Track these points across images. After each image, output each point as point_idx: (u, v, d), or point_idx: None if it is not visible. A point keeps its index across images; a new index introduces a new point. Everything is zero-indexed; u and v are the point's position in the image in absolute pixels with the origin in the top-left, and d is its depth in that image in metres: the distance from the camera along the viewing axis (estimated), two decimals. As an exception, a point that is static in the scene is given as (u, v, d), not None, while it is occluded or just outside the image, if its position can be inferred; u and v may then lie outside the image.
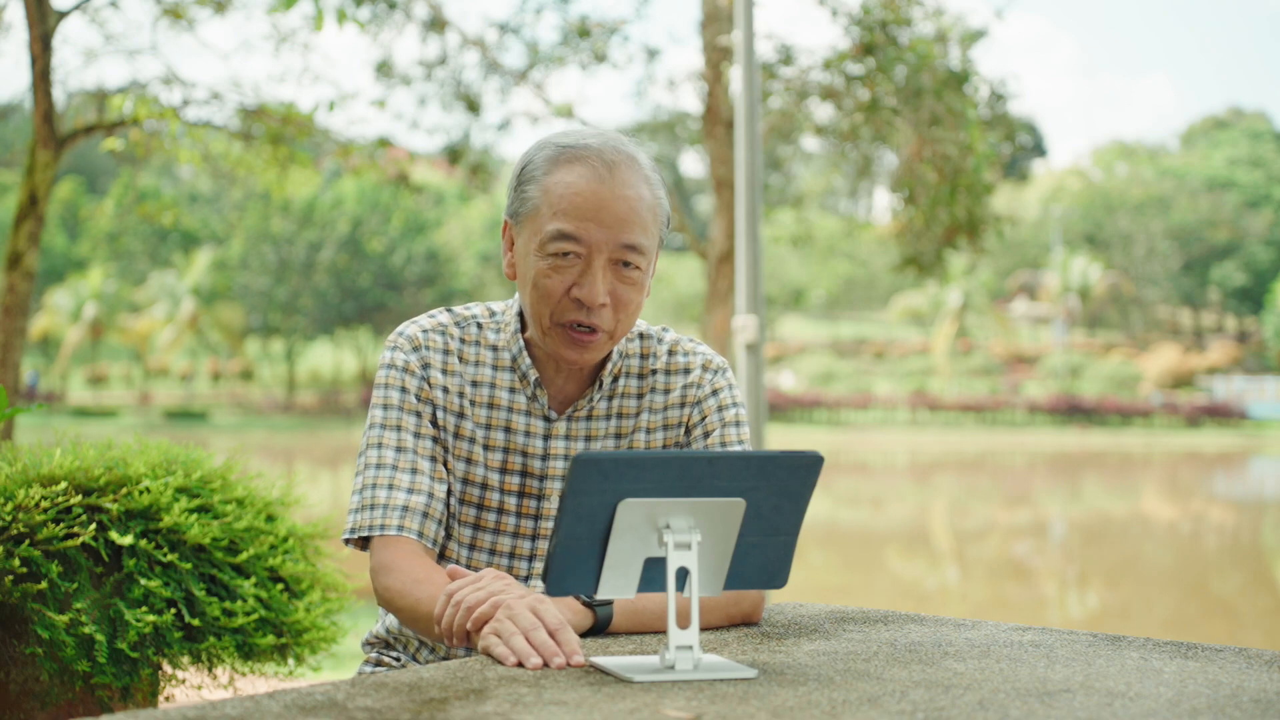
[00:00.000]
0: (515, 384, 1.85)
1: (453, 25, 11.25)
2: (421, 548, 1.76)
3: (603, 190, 1.72)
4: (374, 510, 1.77)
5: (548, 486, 1.85)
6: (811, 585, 11.41)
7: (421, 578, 1.69)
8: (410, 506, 1.77)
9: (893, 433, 44.42)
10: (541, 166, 1.76)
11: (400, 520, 1.76)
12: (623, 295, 1.75)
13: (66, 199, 49.91)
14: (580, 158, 1.74)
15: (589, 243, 1.72)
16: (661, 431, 1.89)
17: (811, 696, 1.28)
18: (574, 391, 1.87)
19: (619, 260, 1.74)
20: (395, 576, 1.71)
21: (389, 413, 1.81)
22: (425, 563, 1.73)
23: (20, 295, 7.38)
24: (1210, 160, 64.17)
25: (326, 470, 25.85)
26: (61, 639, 2.43)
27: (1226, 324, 63.23)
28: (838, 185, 46.52)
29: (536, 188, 1.76)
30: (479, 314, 1.90)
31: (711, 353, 1.94)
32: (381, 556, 1.75)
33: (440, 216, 52.83)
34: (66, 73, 10.15)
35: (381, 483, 1.78)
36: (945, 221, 10.53)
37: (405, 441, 1.80)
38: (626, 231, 1.73)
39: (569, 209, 1.72)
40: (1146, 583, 12.80)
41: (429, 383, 1.82)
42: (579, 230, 1.72)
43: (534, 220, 1.76)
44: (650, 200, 1.76)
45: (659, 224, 1.79)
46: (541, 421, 1.85)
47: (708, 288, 10.88)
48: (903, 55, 9.67)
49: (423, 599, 1.65)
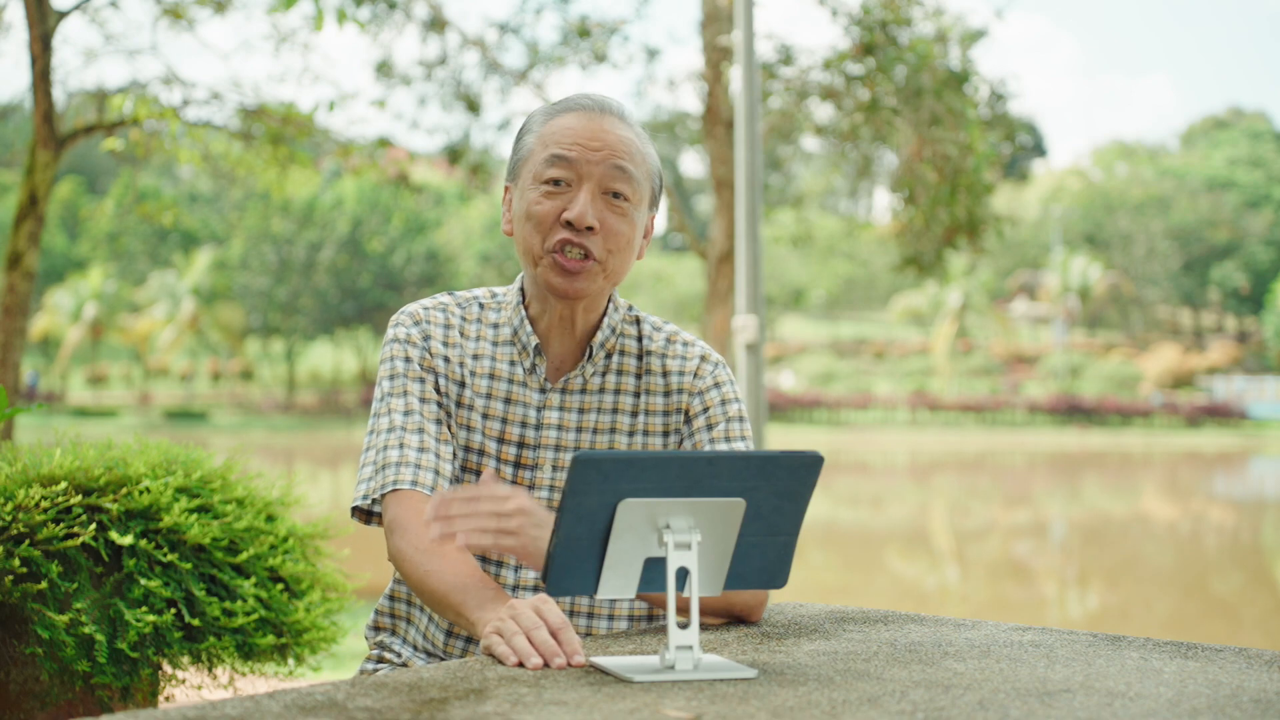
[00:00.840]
0: (515, 357, 1.89)
1: (453, 25, 11.24)
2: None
3: (593, 124, 1.80)
4: (385, 470, 1.79)
5: (540, 456, 1.86)
6: (811, 585, 11.40)
7: (433, 546, 1.69)
8: (422, 464, 1.79)
9: (893, 433, 44.41)
10: (539, 120, 1.86)
11: (413, 476, 1.77)
12: (612, 224, 1.80)
13: (66, 199, 49.90)
14: (573, 106, 1.84)
15: (579, 168, 1.79)
16: (661, 416, 1.90)
17: (811, 696, 1.28)
18: (569, 362, 1.90)
19: (608, 190, 1.79)
20: (407, 539, 1.72)
21: (394, 381, 1.85)
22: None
23: (20, 295, 7.38)
24: (1210, 160, 64.15)
25: (326, 470, 25.85)
26: (61, 639, 2.43)
27: (1226, 324, 63.23)
28: (838, 185, 46.54)
29: (532, 136, 1.85)
30: (480, 295, 1.95)
31: (709, 348, 1.97)
32: (394, 512, 1.76)
33: (440, 216, 52.82)
34: (66, 73, 10.16)
35: (392, 444, 1.80)
36: (945, 221, 10.53)
37: (412, 405, 1.83)
38: (614, 157, 1.79)
39: (561, 139, 1.80)
40: (1146, 583, 12.80)
41: (430, 352, 1.86)
42: (569, 153, 1.79)
43: (529, 162, 1.83)
44: (640, 147, 1.84)
45: (649, 172, 1.85)
46: (537, 393, 1.87)
47: (708, 288, 10.87)
48: (903, 55, 9.67)
49: (431, 571, 1.67)
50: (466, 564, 1.67)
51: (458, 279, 49.84)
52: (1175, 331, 62.28)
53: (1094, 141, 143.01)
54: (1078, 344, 56.13)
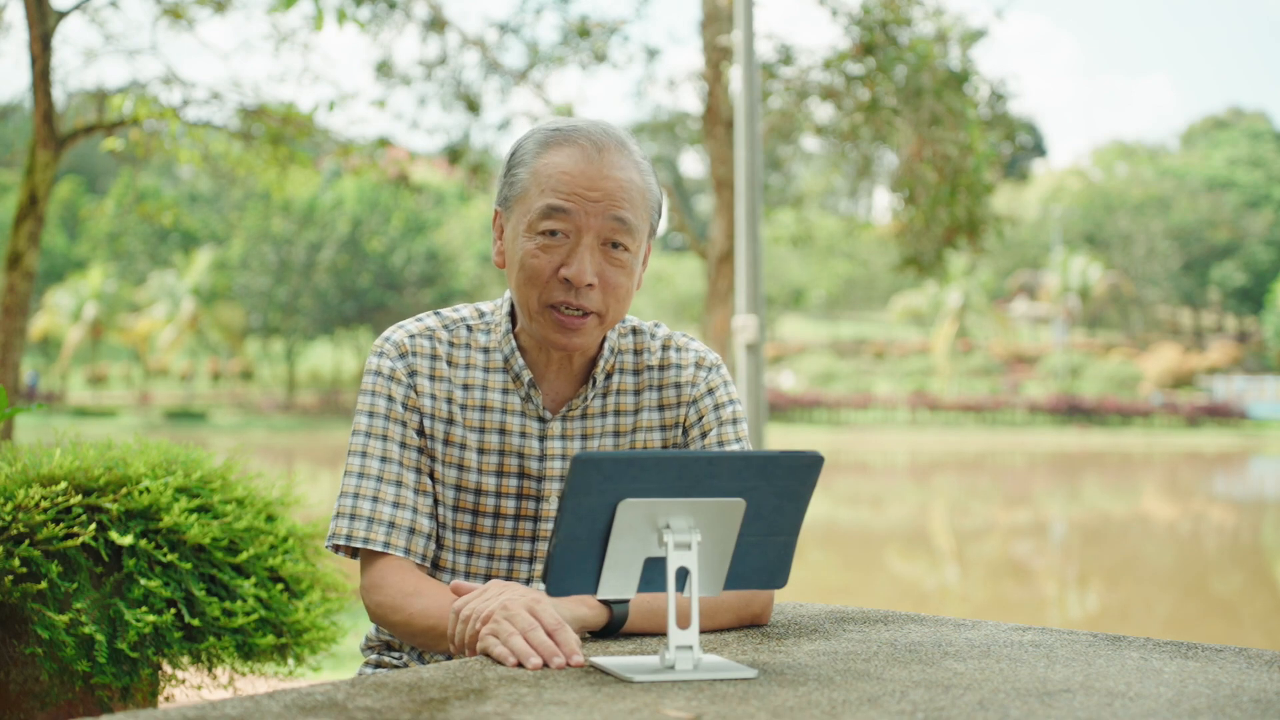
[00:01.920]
0: (508, 385, 1.83)
1: (453, 25, 11.25)
2: (410, 564, 1.75)
3: (590, 169, 1.71)
4: (355, 520, 1.75)
5: (546, 487, 1.82)
6: (811, 585, 11.40)
7: (411, 590, 1.68)
8: (396, 523, 1.75)
9: (893, 433, 44.41)
10: (531, 150, 1.76)
11: (386, 537, 1.74)
12: (611, 278, 1.73)
13: (66, 199, 49.88)
14: (569, 140, 1.73)
15: (577, 219, 1.70)
16: (660, 431, 1.88)
17: (811, 696, 1.28)
18: (568, 390, 1.85)
19: (608, 241, 1.72)
20: (385, 592, 1.70)
21: (374, 420, 1.79)
22: (415, 575, 1.72)
23: (20, 295, 7.38)
24: (1210, 160, 64.16)
25: (326, 470, 25.85)
26: (61, 639, 2.43)
27: (1226, 324, 63.23)
28: (838, 185, 46.52)
29: (525, 170, 1.75)
30: (468, 316, 1.87)
31: (704, 349, 1.93)
32: (370, 575, 1.74)
33: (440, 216, 52.82)
34: (66, 73, 10.14)
35: (365, 493, 1.75)
36: (945, 221, 10.53)
37: (390, 452, 1.77)
38: (614, 207, 1.71)
39: (557, 186, 1.71)
40: (1146, 583, 12.80)
41: (415, 390, 1.80)
42: (567, 204, 1.70)
43: (523, 202, 1.75)
44: (640, 184, 1.75)
45: (649, 210, 1.78)
46: (536, 422, 1.83)
47: (708, 288, 10.88)
48: (903, 55, 9.67)
49: (415, 613, 1.65)
50: (447, 595, 1.65)
51: (458, 279, 49.85)
52: (1175, 331, 62.29)
53: (1094, 141, 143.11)
54: (1078, 344, 56.13)
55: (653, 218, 1.80)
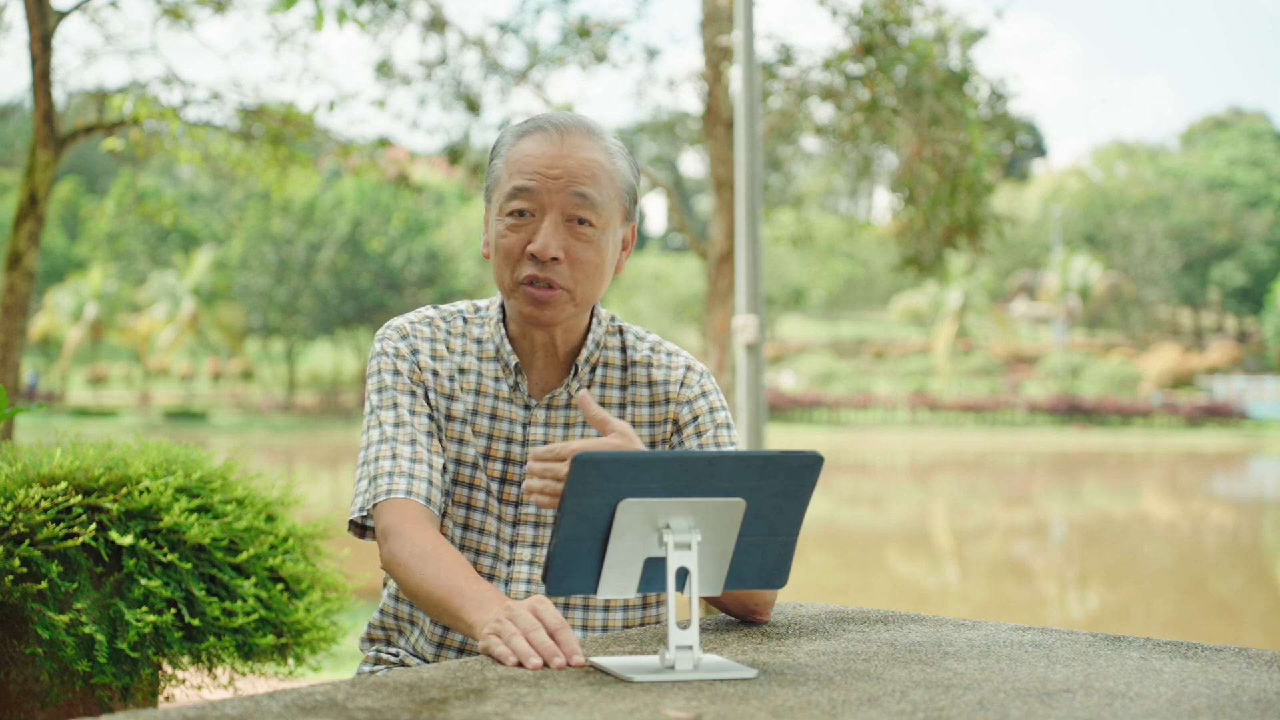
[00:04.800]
0: (499, 373, 1.89)
1: (453, 25, 11.24)
2: (427, 513, 1.77)
3: (553, 150, 1.79)
4: (378, 481, 1.78)
5: (526, 473, 1.86)
6: (811, 585, 11.40)
7: (428, 550, 1.68)
8: (415, 474, 1.79)
9: (893, 433, 44.41)
10: (507, 143, 1.85)
11: (407, 485, 1.77)
12: (578, 253, 1.79)
13: (66, 199, 49.91)
14: (539, 128, 1.82)
15: (540, 198, 1.78)
16: (648, 428, 1.90)
17: (811, 696, 1.28)
18: (554, 380, 1.90)
19: (572, 217, 1.79)
20: (401, 544, 1.71)
21: (384, 394, 1.85)
22: (430, 532, 1.73)
23: (20, 295, 7.38)
24: (1210, 160, 64.14)
25: (326, 470, 25.85)
26: (61, 639, 2.43)
27: (1226, 324, 63.22)
28: (838, 185, 46.55)
29: (500, 160, 1.85)
30: (463, 309, 1.95)
31: (692, 357, 1.99)
32: (388, 520, 1.75)
33: (440, 216, 52.82)
34: (66, 73, 10.16)
35: (384, 455, 1.80)
36: (945, 221, 10.52)
37: (403, 416, 1.83)
38: (575, 184, 1.78)
39: (523, 168, 1.80)
40: (1146, 583, 12.80)
41: (419, 365, 1.87)
42: (529, 183, 1.78)
43: (497, 189, 1.84)
44: (608, 166, 1.82)
45: (617, 190, 1.83)
46: (522, 409, 1.88)
47: (708, 288, 10.87)
48: (903, 55, 9.67)
49: (427, 575, 1.65)
50: (461, 566, 1.66)
51: (458, 279, 49.85)
52: (1175, 331, 62.28)
53: (1094, 141, 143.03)
54: (1078, 344, 56.13)
55: (624, 199, 1.85)
